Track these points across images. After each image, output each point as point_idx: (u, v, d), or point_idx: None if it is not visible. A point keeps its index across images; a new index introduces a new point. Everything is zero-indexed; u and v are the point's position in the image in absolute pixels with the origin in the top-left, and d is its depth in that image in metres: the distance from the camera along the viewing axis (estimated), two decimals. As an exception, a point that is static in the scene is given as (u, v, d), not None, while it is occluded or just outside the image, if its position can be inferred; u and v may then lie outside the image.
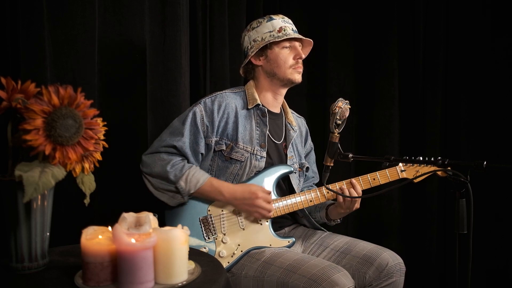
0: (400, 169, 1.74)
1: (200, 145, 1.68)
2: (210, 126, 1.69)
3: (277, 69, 1.75)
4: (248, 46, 1.80)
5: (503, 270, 2.48)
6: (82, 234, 0.99)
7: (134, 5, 1.86)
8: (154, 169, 1.63)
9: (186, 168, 1.63)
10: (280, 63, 1.75)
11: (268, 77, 1.79)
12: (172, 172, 1.61)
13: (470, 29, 2.55)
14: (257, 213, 1.63)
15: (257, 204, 1.62)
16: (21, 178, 0.93)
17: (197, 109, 1.70)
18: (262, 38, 1.75)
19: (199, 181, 1.62)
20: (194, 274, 1.05)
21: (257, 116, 1.77)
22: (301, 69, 1.78)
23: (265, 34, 1.75)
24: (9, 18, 1.52)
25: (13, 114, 1.02)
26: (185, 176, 1.61)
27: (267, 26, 1.76)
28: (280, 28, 1.75)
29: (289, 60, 1.75)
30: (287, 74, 1.75)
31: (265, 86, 1.81)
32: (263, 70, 1.79)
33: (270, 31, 1.75)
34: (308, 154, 2.01)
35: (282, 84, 1.79)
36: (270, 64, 1.76)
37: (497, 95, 2.48)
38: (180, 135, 1.66)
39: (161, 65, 1.97)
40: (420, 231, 2.65)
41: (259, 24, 1.78)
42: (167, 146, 1.65)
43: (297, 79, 1.77)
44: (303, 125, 2.00)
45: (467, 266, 1.21)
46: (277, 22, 1.77)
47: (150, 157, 1.66)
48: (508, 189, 2.41)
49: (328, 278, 1.43)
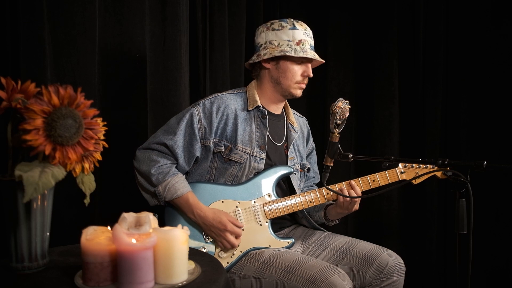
0: (400, 170, 1.74)
1: (195, 147, 1.67)
2: (208, 128, 1.68)
3: (283, 79, 1.74)
4: (262, 44, 1.76)
5: (503, 270, 2.48)
6: (82, 234, 0.99)
7: (134, 5, 1.86)
8: (141, 166, 1.64)
9: (169, 175, 1.63)
10: (288, 76, 1.73)
11: (272, 82, 1.77)
12: (155, 176, 1.61)
13: (470, 29, 2.55)
14: (221, 243, 1.63)
15: (223, 236, 1.62)
16: (21, 178, 0.93)
17: (195, 110, 1.69)
18: (278, 44, 1.72)
19: (176, 193, 1.61)
20: (194, 274, 1.05)
21: (257, 118, 1.77)
22: (304, 85, 1.77)
23: (283, 41, 1.71)
24: (9, 18, 1.52)
25: (13, 114, 1.02)
26: (165, 183, 1.61)
27: (288, 34, 1.72)
28: (299, 41, 1.71)
29: (297, 76, 1.73)
30: (290, 87, 1.75)
31: (267, 90, 1.79)
32: (269, 74, 1.77)
33: (288, 40, 1.71)
34: (310, 154, 2.00)
35: (282, 94, 1.78)
36: (278, 72, 1.74)
37: (497, 95, 2.48)
38: (172, 134, 1.66)
39: (161, 65, 1.97)
40: (420, 231, 2.65)
41: (280, 28, 1.73)
42: (158, 143, 1.65)
43: (298, 94, 1.77)
44: (304, 125, 1.99)
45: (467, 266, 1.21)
46: (298, 33, 1.72)
47: (142, 153, 1.66)
48: (508, 189, 2.40)
49: (326, 280, 1.43)
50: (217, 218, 1.61)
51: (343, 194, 1.68)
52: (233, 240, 1.62)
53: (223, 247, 1.64)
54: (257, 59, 1.75)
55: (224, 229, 1.61)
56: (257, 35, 1.81)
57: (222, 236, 1.61)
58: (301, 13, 2.65)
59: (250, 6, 2.49)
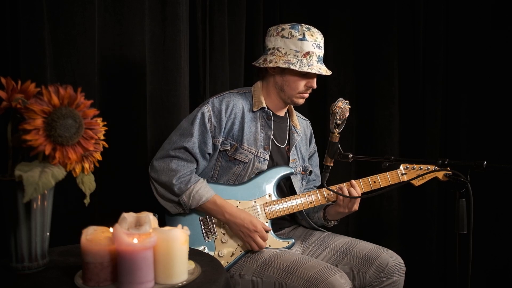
0: (401, 172, 1.74)
1: (208, 145, 1.68)
2: (217, 126, 1.68)
3: (287, 88, 1.74)
4: (270, 49, 1.73)
5: (503, 270, 2.48)
6: (82, 234, 0.99)
7: (134, 5, 1.86)
8: (161, 177, 1.63)
9: (192, 183, 1.62)
10: (292, 86, 1.72)
11: (277, 88, 1.77)
12: (177, 185, 1.61)
13: (470, 29, 2.55)
14: (248, 243, 1.64)
15: (252, 237, 1.62)
16: (21, 178, 0.93)
17: (205, 109, 1.69)
18: (286, 53, 1.69)
19: (202, 199, 1.61)
20: (194, 274, 1.05)
21: (262, 119, 1.77)
22: (307, 95, 1.76)
23: (290, 51, 1.68)
24: (9, 18, 1.52)
25: (13, 114, 1.02)
26: (189, 191, 1.61)
27: (296, 44, 1.68)
28: (307, 52, 1.68)
29: (300, 87, 1.72)
30: (292, 97, 1.75)
31: (272, 93, 1.79)
32: (274, 80, 1.76)
33: (296, 51, 1.68)
34: (311, 157, 2.00)
35: (284, 100, 1.78)
36: (282, 80, 1.73)
37: (497, 95, 2.48)
38: (189, 135, 1.65)
39: (161, 65, 1.97)
40: (420, 231, 2.65)
41: (290, 36, 1.69)
42: (177, 148, 1.64)
43: (300, 103, 1.77)
44: (308, 128, 1.98)
45: (467, 266, 1.21)
46: (307, 45, 1.68)
47: (160, 163, 1.64)
48: (508, 189, 2.40)
49: (325, 280, 1.43)
50: (248, 219, 1.63)
51: (343, 194, 1.68)
52: (261, 242, 1.63)
53: (249, 247, 1.65)
54: (263, 65, 1.74)
55: (254, 230, 1.62)
56: (267, 36, 1.78)
57: (251, 237, 1.62)
58: (301, 13, 2.65)
59: (250, 6, 2.49)
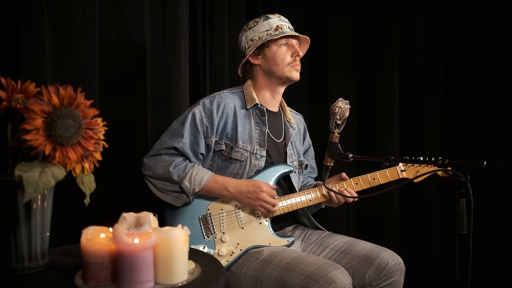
0: (400, 169, 1.75)
1: (200, 146, 1.69)
2: (209, 127, 1.69)
3: (275, 67, 1.76)
4: (246, 45, 1.81)
5: (503, 270, 2.48)
6: (82, 234, 0.99)
7: (134, 5, 1.86)
8: (156, 171, 1.64)
9: (189, 168, 1.64)
10: (278, 61, 1.75)
11: (266, 75, 1.79)
12: (175, 173, 1.61)
13: (470, 29, 2.55)
14: (261, 207, 1.64)
15: (261, 198, 1.62)
16: (21, 178, 0.93)
17: (196, 110, 1.70)
18: (259, 37, 1.76)
19: (203, 179, 1.62)
20: (194, 274, 1.05)
21: (256, 116, 1.78)
22: (299, 66, 1.78)
23: (262, 33, 1.76)
24: (9, 18, 1.52)
25: (13, 114, 1.02)
26: (189, 175, 1.62)
27: (264, 25, 1.77)
28: (276, 26, 1.76)
29: (287, 58, 1.76)
30: (285, 72, 1.76)
31: (263, 85, 1.81)
32: (261, 69, 1.80)
33: (267, 30, 1.76)
34: (307, 151, 2.02)
35: (280, 83, 1.80)
36: (268, 62, 1.77)
37: (497, 95, 2.48)
38: (180, 136, 1.66)
39: (161, 65, 1.97)
40: (420, 231, 2.65)
41: (255, 23, 1.79)
42: (168, 148, 1.66)
43: (295, 76, 1.78)
44: (301, 122, 2.01)
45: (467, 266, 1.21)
46: (273, 21, 1.78)
47: (151, 160, 1.66)
48: (508, 189, 2.40)
49: (325, 276, 1.44)
50: (251, 183, 1.65)
51: (343, 194, 1.68)
52: (272, 200, 1.64)
53: (264, 211, 1.65)
54: (244, 59, 1.79)
55: (260, 191, 1.63)
56: (239, 42, 1.86)
57: (260, 199, 1.63)
58: (301, 13, 2.66)
59: (250, 6, 2.49)
